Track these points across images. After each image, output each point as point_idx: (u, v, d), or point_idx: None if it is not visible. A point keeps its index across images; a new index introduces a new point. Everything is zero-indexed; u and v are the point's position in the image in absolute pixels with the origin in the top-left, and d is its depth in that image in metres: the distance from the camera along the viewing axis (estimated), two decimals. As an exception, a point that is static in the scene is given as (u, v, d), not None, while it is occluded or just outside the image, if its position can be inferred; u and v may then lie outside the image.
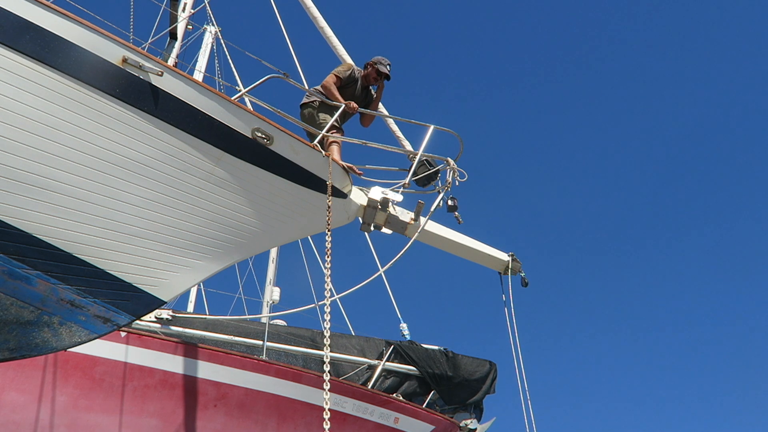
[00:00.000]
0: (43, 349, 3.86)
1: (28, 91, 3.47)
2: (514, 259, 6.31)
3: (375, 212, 5.51)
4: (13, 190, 3.53)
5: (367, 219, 5.55)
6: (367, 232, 5.68)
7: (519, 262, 6.34)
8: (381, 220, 5.61)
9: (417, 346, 7.99)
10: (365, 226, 5.62)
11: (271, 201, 4.67)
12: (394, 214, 5.61)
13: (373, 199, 5.41)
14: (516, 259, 6.33)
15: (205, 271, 4.50)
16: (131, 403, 5.90)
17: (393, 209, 5.59)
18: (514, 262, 6.30)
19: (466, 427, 7.96)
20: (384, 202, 5.44)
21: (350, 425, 6.92)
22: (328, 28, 7.31)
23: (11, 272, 3.61)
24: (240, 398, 6.37)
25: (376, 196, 5.40)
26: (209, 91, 4.19)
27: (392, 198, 5.42)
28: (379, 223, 5.64)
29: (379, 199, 5.40)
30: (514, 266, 6.31)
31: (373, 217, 5.53)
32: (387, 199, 5.42)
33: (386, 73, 6.05)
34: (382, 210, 5.51)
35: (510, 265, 6.28)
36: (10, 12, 3.41)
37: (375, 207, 5.47)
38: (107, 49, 3.74)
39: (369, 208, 5.48)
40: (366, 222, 5.58)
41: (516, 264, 6.32)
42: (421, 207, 5.68)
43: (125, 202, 3.95)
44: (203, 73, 11.41)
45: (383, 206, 5.47)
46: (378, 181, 5.61)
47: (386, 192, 5.40)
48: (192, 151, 4.13)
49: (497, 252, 6.33)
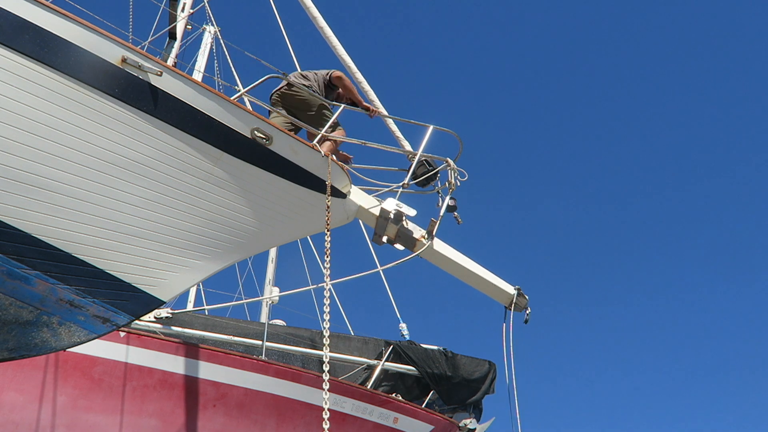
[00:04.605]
0: (42, 349, 3.86)
1: (27, 90, 3.47)
2: (520, 293, 6.03)
3: (387, 224, 5.37)
4: (12, 190, 3.52)
5: (378, 230, 5.44)
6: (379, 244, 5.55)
7: (525, 298, 6.05)
8: (392, 233, 5.47)
9: (416, 346, 7.99)
10: (377, 238, 5.50)
11: (270, 201, 4.67)
12: (405, 229, 5.45)
13: (386, 210, 5.28)
14: (522, 294, 6.05)
15: (205, 271, 4.50)
16: (130, 403, 5.89)
17: (406, 223, 5.44)
18: (519, 297, 6.02)
19: (465, 427, 7.97)
20: (397, 216, 5.30)
21: (349, 425, 6.92)
22: (327, 28, 7.30)
23: (10, 272, 3.61)
24: (239, 398, 6.37)
25: (390, 208, 5.27)
26: (208, 91, 4.19)
27: (406, 212, 5.29)
28: (391, 237, 5.50)
29: (392, 210, 5.26)
30: (519, 301, 6.02)
31: (384, 228, 5.40)
32: (401, 213, 5.28)
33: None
34: (394, 223, 5.36)
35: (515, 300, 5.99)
36: (9, 12, 3.41)
37: (387, 218, 5.32)
38: (106, 49, 3.73)
39: (381, 219, 5.34)
40: (378, 233, 5.47)
41: (522, 299, 6.04)
42: (434, 225, 5.53)
43: (124, 202, 3.95)
44: (202, 72, 11.42)
45: (396, 220, 5.33)
46: (378, 182, 5.61)
47: (400, 205, 5.28)
48: (191, 151, 4.13)
49: (504, 284, 6.05)
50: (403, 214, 5.31)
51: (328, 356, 3.77)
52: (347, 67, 6.94)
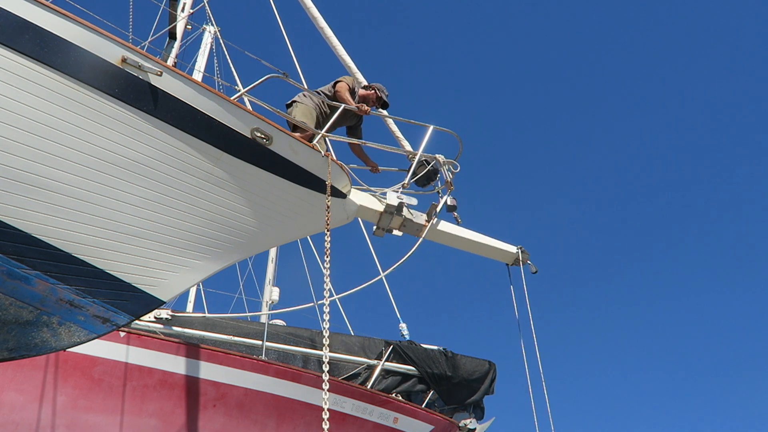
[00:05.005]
0: (42, 349, 3.86)
1: (27, 90, 3.47)
2: (522, 251, 6.42)
3: (392, 217, 5.65)
4: (12, 190, 3.52)
5: (382, 224, 5.70)
6: (380, 236, 5.80)
7: (527, 253, 6.44)
8: (396, 224, 5.74)
9: (416, 346, 7.99)
10: (379, 231, 5.76)
11: (270, 201, 4.67)
12: (409, 218, 5.72)
13: (391, 205, 5.56)
14: (524, 251, 6.44)
15: (205, 271, 4.50)
16: (130, 403, 5.89)
17: (408, 212, 5.72)
18: (522, 253, 6.41)
19: (465, 427, 7.96)
20: (400, 207, 5.59)
21: (349, 425, 6.92)
22: (327, 29, 7.31)
23: (10, 272, 3.61)
24: (239, 398, 6.37)
25: (393, 202, 5.56)
26: (208, 91, 4.19)
27: (407, 202, 5.60)
28: (392, 227, 5.78)
29: (396, 204, 5.55)
30: (522, 257, 6.41)
31: (389, 222, 5.67)
32: (403, 204, 5.58)
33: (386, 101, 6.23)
34: (398, 214, 5.64)
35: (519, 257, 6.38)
36: (8, 12, 3.41)
37: (392, 212, 5.61)
38: (106, 49, 3.73)
39: (386, 214, 5.61)
40: (381, 227, 5.72)
41: (524, 255, 6.43)
42: (434, 208, 5.81)
43: (124, 202, 3.95)
44: (202, 72, 11.41)
45: (399, 211, 5.61)
46: (376, 182, 5.67)
47: (402, 197, 5.58)
48: (191, 151, 4.13)
49: (506, 245, 6.44)
50: (404, 204, 5.59)
51: (328, 356, 3.77)
52: (347, 67, 6.95)
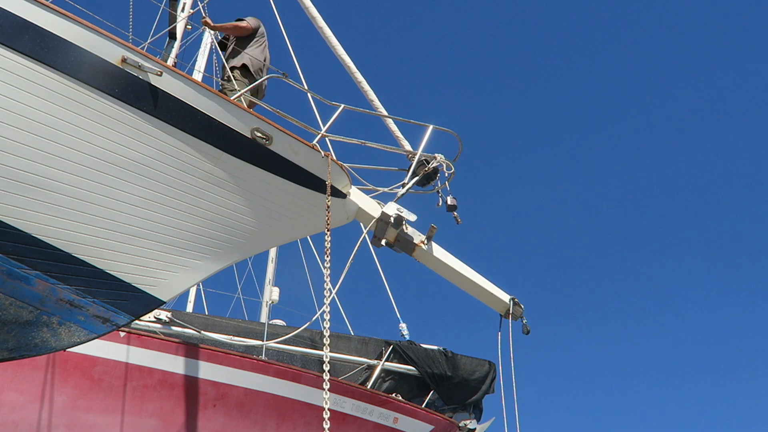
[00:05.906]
0: (42, 349, 3.86)
1: (27, 90, 3.47)
2: (515, 303, 6.03)
3: (387, 228, 5.44)
4: (12, 190, 3.52)
5: (378, 233, 5.51)
6: (378, 247, 5.61)
7: (521, 307, 6.03)
8: (392, 237, 5.53)
9: (416, 346, 7.98)
10: (376, 241, 5.56)
11: (270, 201, 4.67)
12: (405, 234, 5.53)
13: (387, 214, 5.35)
14: (518, 304, 6.04)
15: (205, 271, 4.50)
16: (130, 403, 5.89)
17: (405, 228, 5.51)
18: (515, 306, 6.02)
19: (465, 427, 7.96)
20: (398, 220, 5.37)
21: (349, 425, 6.92)
22: (327, 29, 7.30)
23: (10, 272, 3.61)
24: (239, 398, 6.37)
25: (390, 212, 5.35)
26: (208, 91, 4.19)
27: (406, 217, 5.35)
28: (390, 241, 5.56)
29: (393, 215, 5.33)
30: (515, 311, 6.02)
31: (384, 232, 5.47)
32: (401, 217, 5.35)
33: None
34: (394, 227, 5.43)
35: (511, 309, 5.99)
36: (9, 12, 3.41)
37: (387, 222, 5.39)
38: (106, 49, 3.74)
39: (381, 222, 5.41)
40: (377, 237, 5.54)
41: (517, 309, 6.03)
42: (434, 231, 5.59)
43: (124, 202, 3.95)
44: (202, 72, 11.40)
45: (396, 223, 5.40)
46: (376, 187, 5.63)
47: (401, 210, 5.36)
48: (191, 151, 4.13)
49: (499, 291, 6.05)
50: (403, 218, 5.36)
51: (328, 356, 3.77)
52: (347, 67, 6.95)
